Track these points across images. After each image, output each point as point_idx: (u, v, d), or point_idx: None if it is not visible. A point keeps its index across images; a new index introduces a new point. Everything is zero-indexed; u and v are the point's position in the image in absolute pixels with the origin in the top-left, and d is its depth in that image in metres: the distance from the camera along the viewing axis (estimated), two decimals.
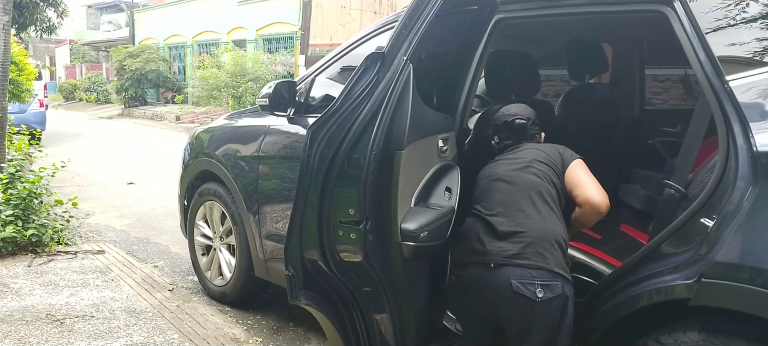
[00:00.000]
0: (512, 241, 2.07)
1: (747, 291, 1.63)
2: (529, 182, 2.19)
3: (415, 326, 2.34)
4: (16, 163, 4.97)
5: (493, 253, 2.07)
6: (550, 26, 3.18)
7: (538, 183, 2.19)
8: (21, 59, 8.97)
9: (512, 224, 2.10)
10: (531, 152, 2.32)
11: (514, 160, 2.30)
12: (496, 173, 2.28)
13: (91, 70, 29.25)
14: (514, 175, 2.24)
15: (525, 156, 2.30)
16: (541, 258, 2.02)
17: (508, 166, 2.29)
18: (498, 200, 2.19)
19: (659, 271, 1.89)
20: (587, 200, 2.16)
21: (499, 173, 2.27)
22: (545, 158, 2.27)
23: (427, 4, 2.22)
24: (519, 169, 2.24)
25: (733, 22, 1.92)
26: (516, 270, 2.01)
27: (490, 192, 2.23)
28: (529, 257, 2.02)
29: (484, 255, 2.10)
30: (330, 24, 18.27)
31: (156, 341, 3.21)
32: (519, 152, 2.35)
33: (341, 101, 2.16)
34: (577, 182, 2.21)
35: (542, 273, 2.00)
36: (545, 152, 2.30)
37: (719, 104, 1.80)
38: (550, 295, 2.00)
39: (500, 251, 2.06)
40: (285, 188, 3.20)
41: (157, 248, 5.03)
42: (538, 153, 2.30)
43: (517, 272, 2.01)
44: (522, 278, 2.00)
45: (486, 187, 2.27)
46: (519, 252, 2.04)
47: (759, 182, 1.67)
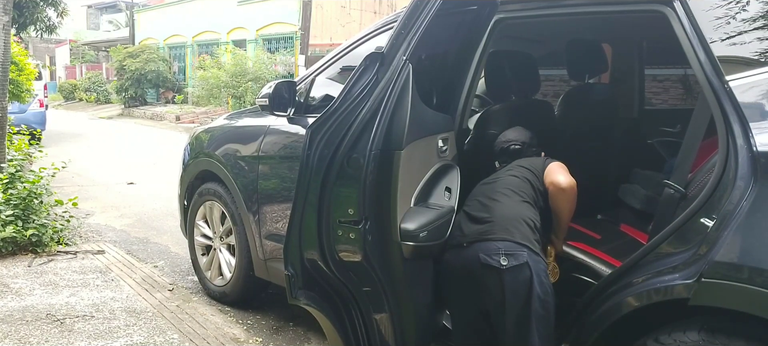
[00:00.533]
0: (483, 223, 2.27)
1: (746, 291, 1.63)
2: (506, 180, 2.42)
3: (414, 326, 2.34)
4: (16, 163, 4.97)
5: (466, 234, 2.28)
6: (550, 26, 3.18)
7: (514, 181, 2.40)
8: (21, 59, 8.97)
9: (484, 210, 2.31)
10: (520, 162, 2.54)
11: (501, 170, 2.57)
12: (485, 180, 2.52)
13: (91, 70, 29.24)
14: (494, 177, 2.50)
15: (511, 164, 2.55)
16: (506, 232, 2.19)
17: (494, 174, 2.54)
18: (476, 195, 2.43)
19: (659, 271, 1.89)
20: (551, 181, 2.36)
21: (486, 179, 2.51)
22: (528, 164, 2.49)
23: (427, 4, 2.22)
24: (501, 172, 2.51)
25: (733, 22, 1.92)
26: (483, 245, 2.20)
27: (474, 193, 2.47)
28: (494, 232, 2.21)
29: (460, 238, 2.29)
30: (330, 24, 18.27)
31: (156, 341, 3.21)
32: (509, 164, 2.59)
33: (341, 101, 2.16)
34: (548, 172, 2.41)
35: (507, 245, 2.16)
36: (530, 161, 2.52)
37: (719, 104, 1.80)
38: (514, 262, 2.13)
39: (471, 233, 2.26)
40: (285, 187, 3.20)
41: (157, 248, 5.03)
42: (524, 162, 2.53)
43: (483, 246, 2.19)
44: (488, 251, 2.17)
45: (476, 190, 2.50)
46: (487, 230, 2.23)
47: (759, 182, 1.67)
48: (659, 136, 3.63)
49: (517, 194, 2.36)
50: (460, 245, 2.27)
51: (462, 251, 2.26)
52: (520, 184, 2.41)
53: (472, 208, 2.37)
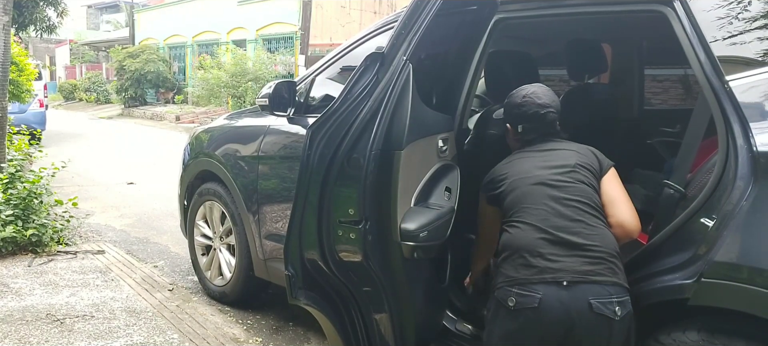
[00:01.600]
0: (582, 255, 1.84)
1: (746, 291, 1.63)
2: (581, 191, 1.97)
3: (414, 326, 2.34)
4: (16, 163, 4.97)
5: (564, 269, 1.83)
6: (550, 26, 3.18)
7: (589, 192, 1.98)
8: (21, 59, 8.97)
9: (578, 236, 1.88)
10: (568, 153, 2.09)
11: (550, 161, 2.07)
12: (537, 176, 2.02)
13: (91, 70, 29.25)
14: (561, 181, 1.99)
15: (565, 157, 2.07)
16: (612, 273, 1.84)
17: (547, 168, 2.04)
18: (554, 210, 1.93)
19: (659, 271, 1.89)
20: (621, 223, 1.97)
21: (541, 176, 2.01)
22: (586, 162, 2.05)
23: (427, 4, 2.22)
24: (564, 174, 2.00)
25: (733, 22, 1.92)
26: (593, 288, 1.80)
27: (537, 199, 1.97)
28: (602, 273, 1.82)
29: (553, 272, 1.83)
30: (330, 24, 18.27)
31: (156, 340, 3.21)
32: (553, 151, 2.12)
33: (341, 101, 2.16)
34: (613, 198, 2.01)
35: (617, 289, 1.83)
36: (583, 155, 2.09)
37: (719, 104, 1.81)
38: (624, 312, 1.82)
39: (571, 267, 1.83)
40: (285, 187, 3.20)
41: (157, 248, 5.03)
42: (578, 155, 2.07)
43: (594, 289, 1.80)
44: (600, 296, 1.79)
45: (528, 192, 2.00)
46: (592, 268, 1.83)
47: (758, 182, 1.67)
48: (659, 136, 3.63)
49: (598, 212, 1.95)
50: (557, 282, 1.81)
51: (561, 290, 1.80)
52: (595, 197, 1.98)
53: (560, 232, 1.88)
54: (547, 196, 1.96)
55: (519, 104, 2.21)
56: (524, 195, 2.01)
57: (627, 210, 1.99)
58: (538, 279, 1.84)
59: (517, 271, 1.89)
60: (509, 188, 2.07)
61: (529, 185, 2.02)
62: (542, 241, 1.89)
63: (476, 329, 2.51)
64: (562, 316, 1.80)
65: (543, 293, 1.82)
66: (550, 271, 1.83)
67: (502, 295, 1.90)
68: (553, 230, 1.89)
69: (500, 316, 1.93)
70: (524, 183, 2.03)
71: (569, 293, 1.80)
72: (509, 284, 1.89)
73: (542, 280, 1.83)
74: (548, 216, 1.92)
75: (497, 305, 1.94)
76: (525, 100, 2.20)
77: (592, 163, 2.06)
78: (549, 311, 1.81)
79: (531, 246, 1.89)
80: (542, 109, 2.16)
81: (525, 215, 1.97)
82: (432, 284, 2.47)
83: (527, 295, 1.84)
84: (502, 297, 1.90)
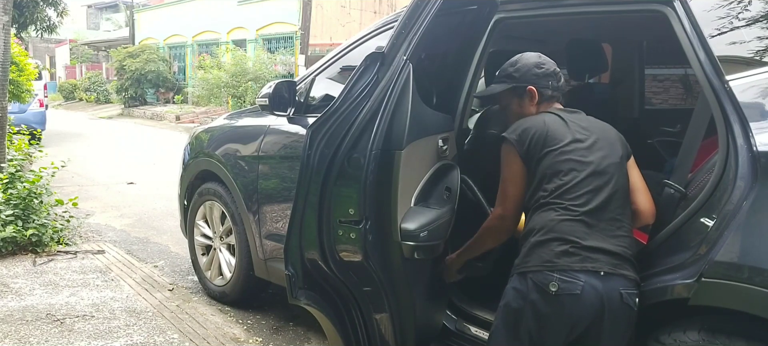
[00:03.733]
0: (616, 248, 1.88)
1: (746, 291, 1.63)
2: (623, 188, 1.98)
3: (414, 326, 2.34)
4: (16, 163, 4.97)
5: (602, 260, 1.86)
6: (550, 26, 3.18)
7: (626, 189, 2.00)
8: (21, 59, 8.97)
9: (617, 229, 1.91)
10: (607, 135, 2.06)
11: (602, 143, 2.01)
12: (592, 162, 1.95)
13: (91, 70, 29.26)
14: (609, 169, 1.96)
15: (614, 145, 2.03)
16: (633, 268, 1.90)
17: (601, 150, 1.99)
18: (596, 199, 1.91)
19: (659, 270, 1.89)
20: (642, 211, 2.02)
21: (597, 162, 1.95)
22: (624, 151, 2.05)
23: (427, 4, 2.22)
24: (613, 164, 1.98)
25: (733, 21, 1.92)
26: (622, 280, 1.86)
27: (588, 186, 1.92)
28: (628, 268, 1.88)
29: (593, 262, 1.85)
30: (330, 24, 18.28)
31: (156, 340, 3.21)
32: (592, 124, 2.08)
33: (341, 101, 2.16)
34: (637, 185, 2.04)
35: (635, 284, 1.89)
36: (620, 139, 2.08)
37: (719, 104, 1.80)
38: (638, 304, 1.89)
39: (607, 259, 1.86)
40: (285, 187, 3.20)
41: (157, 248, 5.03)
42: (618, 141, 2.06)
43: (623, 281, 1.86)
44: (628, 288, 1.86)
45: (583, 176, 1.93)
46: (621, 262, 1.88)
47: (759, 182, 1.67)
48: (659, 136, 3.63)
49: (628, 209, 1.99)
50: (596, 272, 1.84)
51: (599, 280, 1.84)
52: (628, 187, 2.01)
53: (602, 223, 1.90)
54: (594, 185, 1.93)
55: (538, 63, 2.17)
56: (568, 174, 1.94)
57: (648, 199, 2.05)
58: (579, 267, 1.85)
59: (559, 257, 1.88)
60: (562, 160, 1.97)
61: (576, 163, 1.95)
62: (586, 229, 1.88)
63: (476, 328, 2.51)
64: (597, 304, 1.84)
65: (585, 281, 1.84)
66: (591, 260, 1.85)
67: (542, 279, 1.88)
68: (596, 221, 1.90)
69: (532, 299, 1.90)
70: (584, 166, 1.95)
71: (604, 283, 1.84)
72: (550, 269, 1.87)
73: (584, 269, 1.85)
74: (594, 205, 1.90)
75: (533, 287, 1.90)
76: (540, 59, 2.18)
77: (625, 151, 2.07)
78: (588, 299, 1.83)
79: (576, 234, 1.88)
80: (555, 66, 2.19)
81: (569, 198, 1.92)
82: (432, 284, 2.47)
83: (570, 281, 1.84)
84: (541, 281, 1.88)
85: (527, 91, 2.15)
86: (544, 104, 2.15)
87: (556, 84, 2.16)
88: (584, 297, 1.83)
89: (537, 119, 2.07)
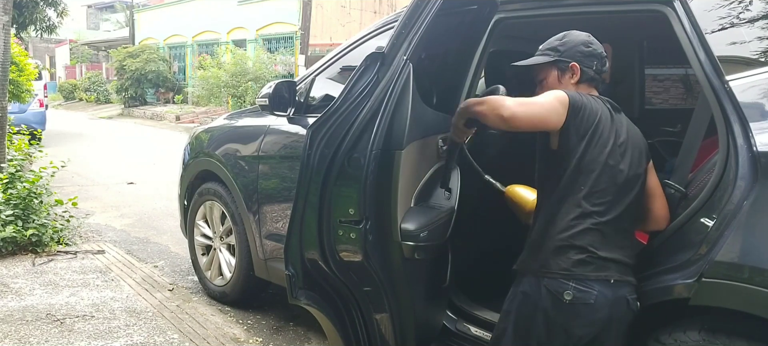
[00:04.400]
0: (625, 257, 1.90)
1: (747, 291, 1.63)
2: (639, 195, 1.96)
3: (414, 326, 2.34)
4: (16, 163, 4.97)
5: (612, 269, 1.87)
6: (550, 26, 3.16)
7: (641, 195, 1.98)
8: (21, 59, 8.97)
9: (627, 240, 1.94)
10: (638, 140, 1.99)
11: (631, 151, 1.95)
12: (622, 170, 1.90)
13: (91, 70, 29.25)
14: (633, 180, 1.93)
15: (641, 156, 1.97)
16: (634, 273, 1.92)
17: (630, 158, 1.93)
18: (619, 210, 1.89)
19: (659, 270, 1.89)
20: (656, 219, 2.01)
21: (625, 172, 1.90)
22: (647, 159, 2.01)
23: (427, 4, 2.22)
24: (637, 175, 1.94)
25: (733, 21, 1.92)
26: (628, 287, 1.89)
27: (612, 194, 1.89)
28: (631, 274, 1.91)
29: (606, 270, 1.86)
30: (330, 24, 18.27)
31: (156, 340, 3.21)
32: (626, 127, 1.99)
33: (341, 101, 2.16)
34: (654, 192, 2.02)
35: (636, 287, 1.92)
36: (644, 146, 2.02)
37: (719, 104, 1.80)
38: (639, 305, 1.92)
39: (616, 267, 1.88)
40: (285, 187, 3.20)
41: (157, 248, 5.03)
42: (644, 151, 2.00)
43: (628, 288, 1.89)
44: (632, 294, 1.89)
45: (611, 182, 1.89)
46: (627, 269, 1.90)
47: (759, 182, 1.67)
48: (659, 136, 3.63)
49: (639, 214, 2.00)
50: (607, 280, 1.85)
51: (609, 288, 1.85)
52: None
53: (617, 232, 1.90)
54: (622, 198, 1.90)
55: (586, 42, 2.06)
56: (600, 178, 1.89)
57: (663, 205, 2.01)
58: (594, 276, 1.86)
59: (575, 266, 1.87)
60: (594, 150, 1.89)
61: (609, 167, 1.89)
62: (602, 239, 1.87)
63: (477, 329, 2.51)
64: (607, 312, 1.85)
65: (598, 290, 1.85)
66: (604, 269, 1.86)
67: (557, 287, 1.87)
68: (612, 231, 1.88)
69: (544, 306, 1.90)
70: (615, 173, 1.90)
71: (614, 291, 1.86)
72: (566, 278, 1.87)
73: (598, 278, 1.86)
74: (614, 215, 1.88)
75: (546, 294, 1.89)
76: (589, 38, 2.08)
77: (649, 156, 2.03)
78: (601, 307, 1.85)
79: (594, 244, 1.87)
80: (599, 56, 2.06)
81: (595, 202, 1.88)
82: (432, 284, 2.47)
83: (585, 291, 1.85)
84: (555, 289, 1.87)
85: (570, 67, 2.04)
86: (584, 86, 2.05)
87: (601, 67, 2.06)
88: (597, 306, 1.84)
89: (594, 101, 1.95)
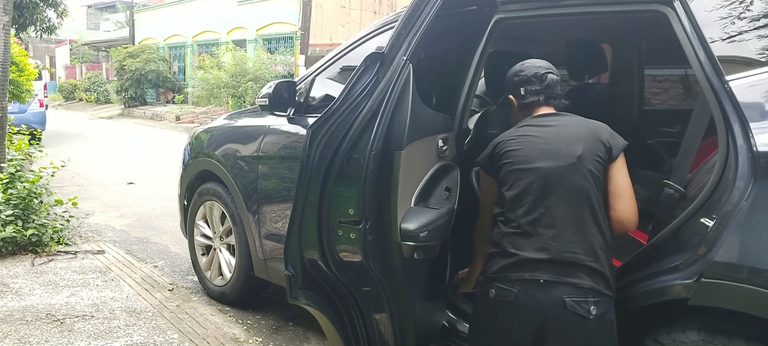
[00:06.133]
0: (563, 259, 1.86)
1: (746, 291, 1.63)
2: (580, 190, 1.89)
3: (414, 326, 2.34)
4: (16, 163, 4.97)
5: (541, 269, 1.86)
6: (549, 26, 3.18)
7: (589, 191, 1.90)
8: (21, 59, 8.97)
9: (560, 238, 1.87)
10: (577, 135, 1.97)
11: (554, 143, 1.95)
12: (533, 166, 1.93)
13: (91, 70, 29.24)
14: (561, 177, 1.90)
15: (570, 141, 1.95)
16: (592, 278, 1.85)
17: (551, 155, 1.93)
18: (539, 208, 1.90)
19: (658, 271, 1.89)
20: (622, 219, 1.96)
21: (543, 168, 1.91)
22: (595, 150, 1.93)
23: (427, 4, 2.22)
24: (567, 168, 1.90)
25: (733, 21, 1.92)
26: (567, 288, 1.83)
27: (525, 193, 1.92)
28: (581, 275, 1.84)
29: (532, 271, 1.86)
30: (330, 24, 18.26)
31: (156, 340, 3.21)
32: (556, 127, 2.01)
33: (341, 101, 2.16)
34: (620, 191, 1.96)
35: (595, 293, 1.84)
36: (594, 139, 1.96)
37: (719, 104, 1.80)
38: (601, 310, 1.84)
39: (550, 267, 1.86)
40: (285, 187, 3.20)
41: (157, 248, 5.03)
42: (587, 140, 1.95)
43: (568, 289, 1.83)
44: (575, 296, 1.83)
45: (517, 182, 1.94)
46: (571, 270, 1.85)
47: (758, 182, 1.67)
48: (659, 136, 3.63)
49: (594, 213, 1.89)
50: (535, 280, 1.85)
51: (538, 289, 1.85)
52: (595, 195, 1.90)
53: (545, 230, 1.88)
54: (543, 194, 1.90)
55: (517, 71, 2.13)
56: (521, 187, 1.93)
57: (630, 206, 1.96)
58: (516, 277, 1.89)
59: (500, 268, 1.93)
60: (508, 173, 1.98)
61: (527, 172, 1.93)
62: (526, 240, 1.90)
63: None
64: (537, 313, 1.86)
65: (519, 290, 1.88)
66: (529, 270, 1.87)
67: (485, 288, 1.98)
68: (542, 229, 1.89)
69: (479, 306, 2.07)
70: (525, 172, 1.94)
71: (545, 292, 1.85)
72: (491, 279, 1.96)
73: (521, 278, 1.88)
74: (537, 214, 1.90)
75: (480, 295, 2.05)
76: (523, 65, 2.14)
77: (599, 151, 1.94)
78: (525, 307, 1.87)
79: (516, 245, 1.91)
80: (542, 69, 2.10)
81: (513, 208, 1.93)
82: (432, 284, 2.47)
83: (505, 289, 1.90)
84: (484, 290, 1.99)
85: (509, 101, 2.17)
86: (526, 112, 2.11)
87: (535, 88, 2.07)
88: (519, 305, 1.87)
89: (508, 132, 2.08)
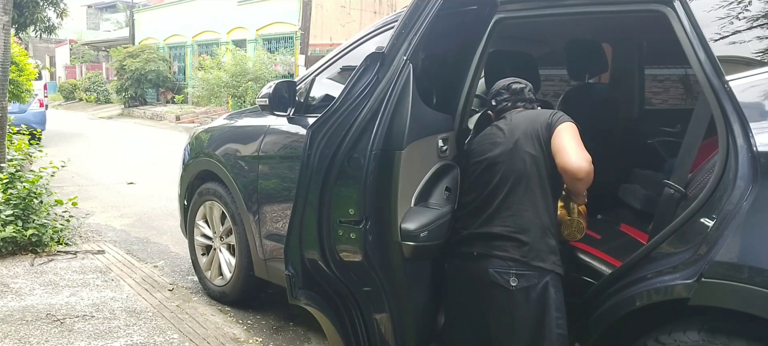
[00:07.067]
0: (497, 230, 2.14)
1: (746, 291, 1.63)
2: (517, 172, 2.16)
3: (414, 326, 2.34)
4: (16, 163, 4.97)
5: (476, 244, 2.18)
6: (550, 26, 3.18)
7: (525, 172, 2.16)
8: (21, 59, 8.96)
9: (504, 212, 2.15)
10: (519, 124, 2.25)
11: (499, 137, 2.26)
12: (483, 157, 2.27)
13: (91, 70, 29.24)
14: (499, 161, 2.21)
15: (512, 132, 2.24)
16: (518, 250, 2.09)
17: (494, 146, 2.25)
18: (484, 191, 2.22)
19: (659, 271, 1.89)
20: (563, 167, 2.11)
21: (487, 157, 2.25)
22: (530, 133, 2.20)
23: (427, 4, 2.22)
24: (505, 153, 2.21)
25: (733, 21, 1.92)
26: (494, 260, 2.11)
27: (477, 179, 2.27)
28: (507, 249, 2.10)
29: (468, 246, 2.20)
30: (330, 24, 18.26)
31: (156, 340, 3.21)
32: (510, 122, 2.29)
33: (341, 101, 2.16)
34: (558, 149, 2.15)
35: (519, 265, 2.07)
36: (533, 124, 2.22)
37: (719, 104, 1.81)
38: (525, 284, 2.06)
39: (480, 241, 2.17)
40: (285, 187, 3.20)
41: (157, 248, 5.03)
42: (526, 126, 2.22)
43: (494, 262, 2.11)
44: (498, 268, 2.09)
45: (473, 173, 2.30)
46: (502, 243, 2.12)
47: (759, 182, 1.67)
48: (659, 136, 3.63)
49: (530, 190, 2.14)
50: (470, 254, 2.19)
51: (470, 262, 2.19)
52: (532, 172, 2.15)
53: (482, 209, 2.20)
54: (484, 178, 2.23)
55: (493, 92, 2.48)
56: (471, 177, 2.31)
57: (567, 156, 2.11)
58: (458, 252, 2.26)
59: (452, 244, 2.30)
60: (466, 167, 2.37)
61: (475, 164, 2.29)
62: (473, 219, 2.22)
63: None
64: (469, 283, 2.20)
65: (457, 262, 2.26)
66: (467, 245, 2.21)
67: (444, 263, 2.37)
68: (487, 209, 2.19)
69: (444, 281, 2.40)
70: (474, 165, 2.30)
71: (475, 264, 2.17)
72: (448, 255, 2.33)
73: (461, 252, 2.24)
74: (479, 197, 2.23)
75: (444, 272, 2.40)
76: (498, 83, 2.48)
77: (536, 131, 2.20)
78: (461, 277, 2.24)
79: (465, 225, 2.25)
80: (508, 81, 2.44)
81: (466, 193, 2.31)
82: (432, 284, 2.47)
83: (451, 261, 2.30)
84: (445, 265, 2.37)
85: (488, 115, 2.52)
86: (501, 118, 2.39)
87: (503, 96, 2.42)
88: (460, 277, 2.25)
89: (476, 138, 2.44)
